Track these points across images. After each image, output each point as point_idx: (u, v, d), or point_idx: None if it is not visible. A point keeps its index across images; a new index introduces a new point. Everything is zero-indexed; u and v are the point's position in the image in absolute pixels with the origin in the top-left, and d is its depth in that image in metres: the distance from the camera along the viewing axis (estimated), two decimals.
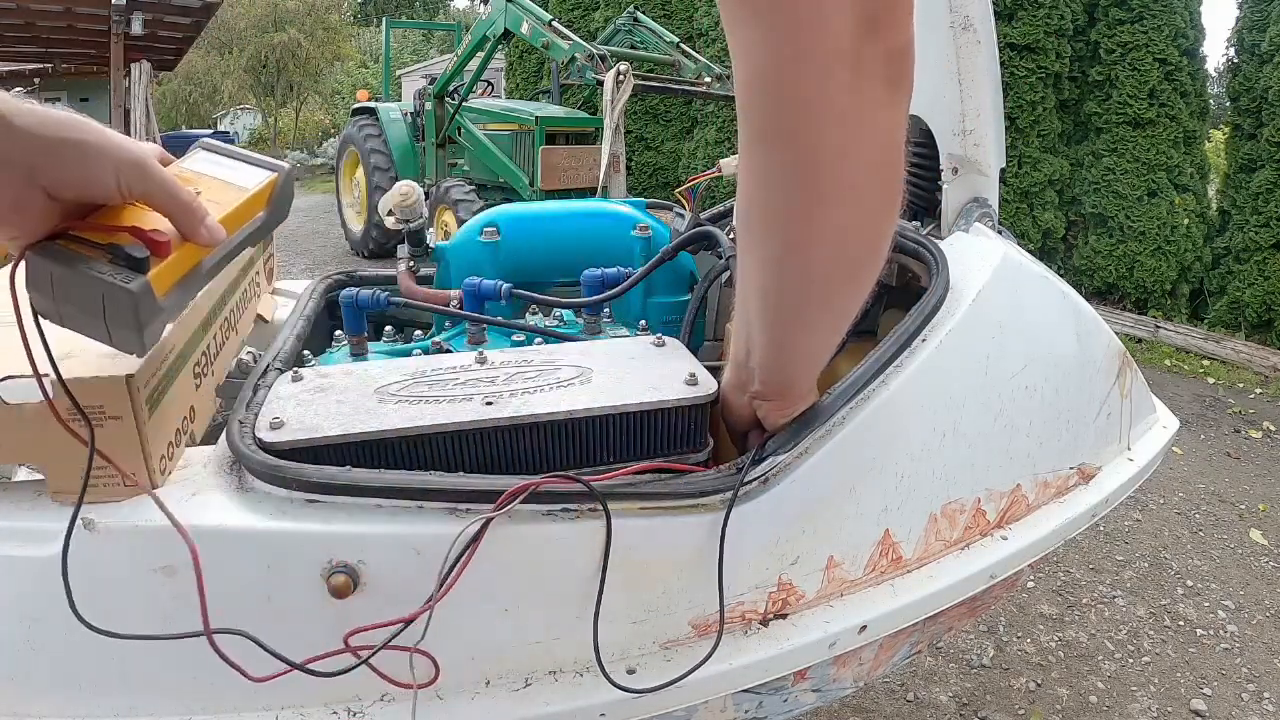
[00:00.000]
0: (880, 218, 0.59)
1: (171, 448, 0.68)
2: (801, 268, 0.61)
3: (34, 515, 0.62)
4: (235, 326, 0.97)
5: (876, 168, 0.56)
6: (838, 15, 0.48)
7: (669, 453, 0.74)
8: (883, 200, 0.58)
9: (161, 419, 0.66)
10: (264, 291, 1.16)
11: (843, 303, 0.64)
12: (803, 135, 0.53)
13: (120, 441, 0.61)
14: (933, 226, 1.11)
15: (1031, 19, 5.41)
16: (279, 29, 16.24)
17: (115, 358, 0.62)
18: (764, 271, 0.63)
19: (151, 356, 0.65)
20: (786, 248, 0.60)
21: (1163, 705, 1.96)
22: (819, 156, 0.54)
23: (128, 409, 0.60)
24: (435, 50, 18.62)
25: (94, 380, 0.59)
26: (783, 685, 0.78)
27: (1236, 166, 5.29)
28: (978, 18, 0.98)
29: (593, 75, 4.98)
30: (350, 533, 0.61)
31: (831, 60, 0.49)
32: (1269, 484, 3.27)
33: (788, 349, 0.69)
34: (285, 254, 7.45)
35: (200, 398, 0.79)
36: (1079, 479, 0.96)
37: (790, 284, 0.63)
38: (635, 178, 8.05)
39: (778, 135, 0.54)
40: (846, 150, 0.53)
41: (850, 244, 0.59)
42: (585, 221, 1.16)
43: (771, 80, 0.52)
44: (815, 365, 0.71)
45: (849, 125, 0.52)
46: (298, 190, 12.96)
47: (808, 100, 0.51)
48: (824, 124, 0.52)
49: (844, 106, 0.51)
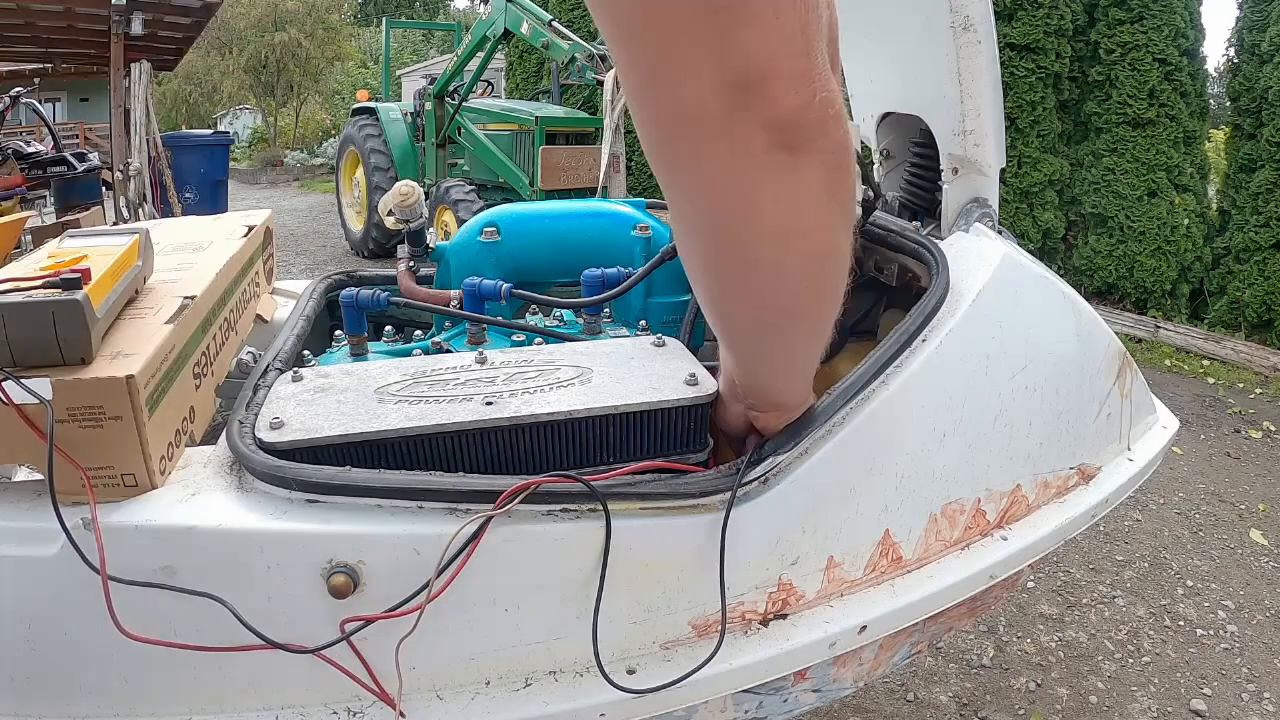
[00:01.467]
0: (795, 282, 0.55)
1: (172, 448, 0.68)
2: (738, 315, 0.60)
3: (34, 515, 0.62)
4: (235, 327, 0.97)
5: (781, 238, 0.51)
6: (695, 83, 0.44)
7: (669, 453, 0.74)
8: (797, 267, 0.54)
9: (162, 419, 0.66)
10: (263, 292, 1.16)
11: (786, 347, 0.62)
12: (690, 204, 0.50)
13: (121, 442, 0.61)
14: (933, 226, 1.11)
15: (1031, 19, 5.41)
16: (279, 29, 16.23)
17: (115, 358, 0.62)
18: (709, 311, 0.62)
19: (152, 357, 0.65)
20: (715, 298, 0.59)
21: (1163, 705, 1.96)
22: (709, 229, 0.51)
23: (128, 409, 0.60)
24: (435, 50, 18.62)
25: (94, 381, 0.59)
26: (783, 685, 0.78)
27: (1236, 166, 5.28)
28: (978, 18, 0.98)
29: (593, 75, 4.98)
30: (350, 533, 0.61)
31: (701, 128, 0.46)
32: (1269, 484, 3.26)
33: (760, 374, 0.69)
34: (285, 254, 7.45)
35: (200, 398, 0.79)
36: (1079, 479, 0.96)
37: (729, 335, 0.62)
38: (635, 178, 8.03)
39: (678, 192, 0.51)
40: (735, 221, 0.50)
41: (767, 306, 0.56)
42: (585, 221, 1.16)
43: (649, 142, 0.49)
44: (797, 380, 0.70)
45: (738, 195, 0.49)
46: (298, 190, 13.02)
47: (688, 165, 0.48)
48: (711, 191, 0.49)
49: (718, 177, 0.48)
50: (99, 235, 0.81)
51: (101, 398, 0.60)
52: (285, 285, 1.30)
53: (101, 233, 0.82)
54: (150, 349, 0.66)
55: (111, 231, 0.82)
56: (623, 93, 0.49)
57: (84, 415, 0.60)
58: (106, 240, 0.80)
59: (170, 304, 0.78)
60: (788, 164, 0.48)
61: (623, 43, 0.46)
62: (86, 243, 0.80)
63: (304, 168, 15.16)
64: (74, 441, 0.59)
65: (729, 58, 0.43)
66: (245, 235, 1.07)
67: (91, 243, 0.79)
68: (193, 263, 0.93)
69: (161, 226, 1.14)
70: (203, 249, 0.99)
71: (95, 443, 0.60)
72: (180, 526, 0.61)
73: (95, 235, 0.82)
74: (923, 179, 1.14)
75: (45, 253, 0.77)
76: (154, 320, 0.74)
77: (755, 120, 0.45)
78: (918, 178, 1.15)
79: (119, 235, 0.81)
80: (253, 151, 16.61)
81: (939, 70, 1.02)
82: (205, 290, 0.84)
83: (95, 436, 0.60)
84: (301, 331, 0.96)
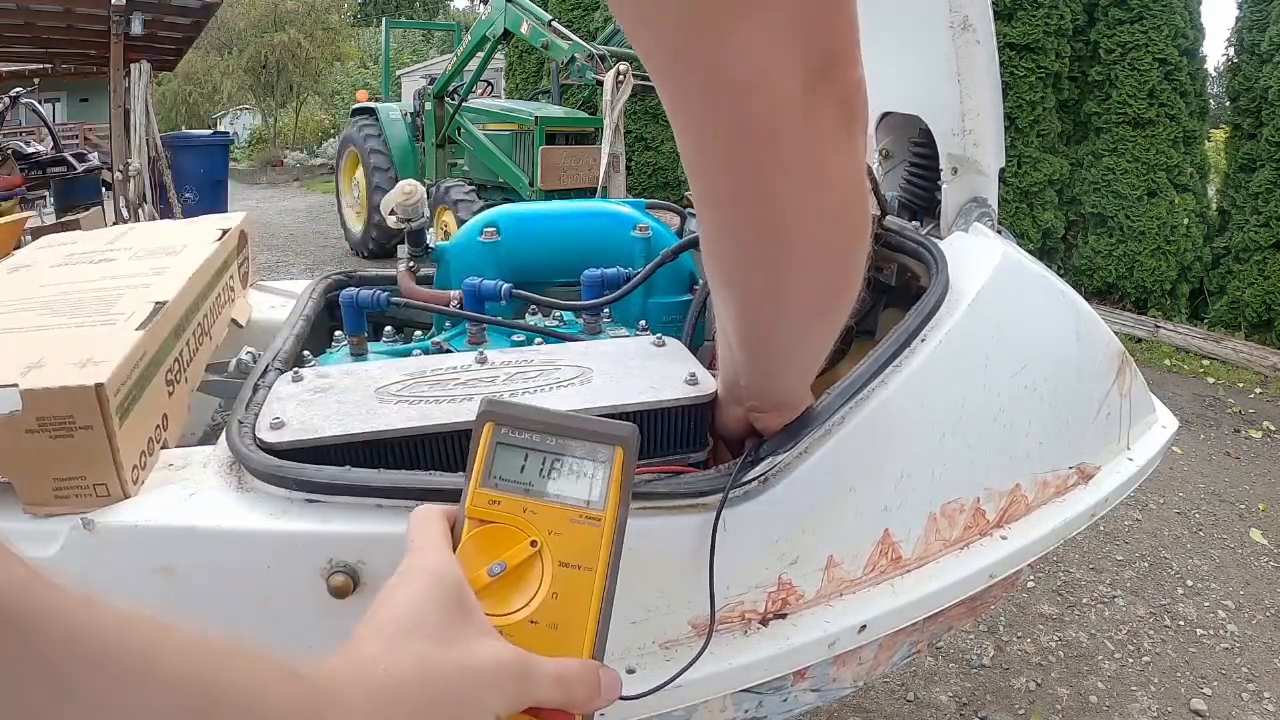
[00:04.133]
0: (849, 257, 0.56)
1: (144, 456, 0.67)
2: (773, 317, 0.59)
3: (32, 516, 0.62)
4: (209, 332, 0.95)
5: (841, 212, 0.52)
6: (784, 76, 0.44)
7: (669, 453, 0.74)
8: (850, 241, 0.55)
9: (134, 427, 0.65)
10: (238, 296, 1.14)
11: (822, 334, 0.62)
12: (760, 197, 0.50)
13: (92, 451, 0.59)
14: (932, 226, 1.11)
15: (1031, 19, 5.40)
16: (279, 29, 16.23)
17: (84, 366, 0.61)
18: (738, 319, 0.62)
19: (121, 364, 0.63)
20: (755, 302, 0.59)
21: (1163, 705, 1.96)
22: (780, 216, 0.51)
23: (98, 418, 0.59)
24: (435, 50, 18.61)
25: (63, 390, 0.58)
26: (782, 685, 0.78)
27: (1236, 166, 5.28)
28: (977, 18, 0.98)
29: (592, 75, 4.98)
30: (350, 533, 0.61)
31: (782, 119, 0.45)
32: (1269, 484, 3.26)
33: (773, 375, 0.68)
34: (285, 254, 7.45)
35: (173, 405, 0.77)
36: (1078, 479, 0.96)
37: (765, 330, 0.62)
38: (635, 178, 8.04)
39: (733, 199, 0.51)
40: (808, 204, 0.50)
41: (820, 289, 0.57)
42: (585, 221, 1.16)
43: (719, 151, 0.48)
44: (806, 378, 0.70)
45: (808, 179, 0.49)
46: (298, 190, 13.02)
47: (760, 163, 0.47)
48: (781, 182, 0.49)
49: (799, 161, 0.48)
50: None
51: (71, 407, 0.58)
52: (285, 285, 1.30)
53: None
54: (120, 356, 0.64)
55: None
56: (671, 105, 0.47)
57: (54, 425, 0.58)
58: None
59: (142, 309, 0.76)
60: (847, 138, 0.48)
61: (690, 51, 0.44)
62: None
63: (304, 168, 15.16)
64: (45, 451, 0.58)
65: (816, 42, 0.44)
66: (219, 239, 1.06)
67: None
68: (166, 267, 0.92)
69: (136, 231, 1.13)
70: (176, 253, 0.97)
71: (66, 452, 0.59)
72: (180, 526, 0.61)
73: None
74: (922, 178, 1.14)
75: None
76: (125, 326, 0.72)
77: (833, 98, 0.46)
78: (917, 177, 1.15)
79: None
80: (252, 151, 16.60)
81: (938, 70, 1.02)
82: (177, 295, 0.83)
83: (66, 446, 0.59)
84: (301, 331, 0.96)
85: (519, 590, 0.45)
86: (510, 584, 0.45)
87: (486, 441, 0.47)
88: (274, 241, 8.04)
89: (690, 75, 0.45)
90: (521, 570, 0.45)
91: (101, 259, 0.98)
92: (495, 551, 0.45)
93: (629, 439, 0.49)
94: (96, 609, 0.28)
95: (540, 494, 0.47)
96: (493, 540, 0.46)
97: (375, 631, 0.39)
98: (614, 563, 0.47)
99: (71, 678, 0.26)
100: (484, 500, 0.46)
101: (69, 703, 0.26)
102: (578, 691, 0.43)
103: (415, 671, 0.37)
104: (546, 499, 0.47)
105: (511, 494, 0.47)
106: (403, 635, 0.38)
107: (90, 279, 0.89)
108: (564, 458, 0.48)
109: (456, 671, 0.38)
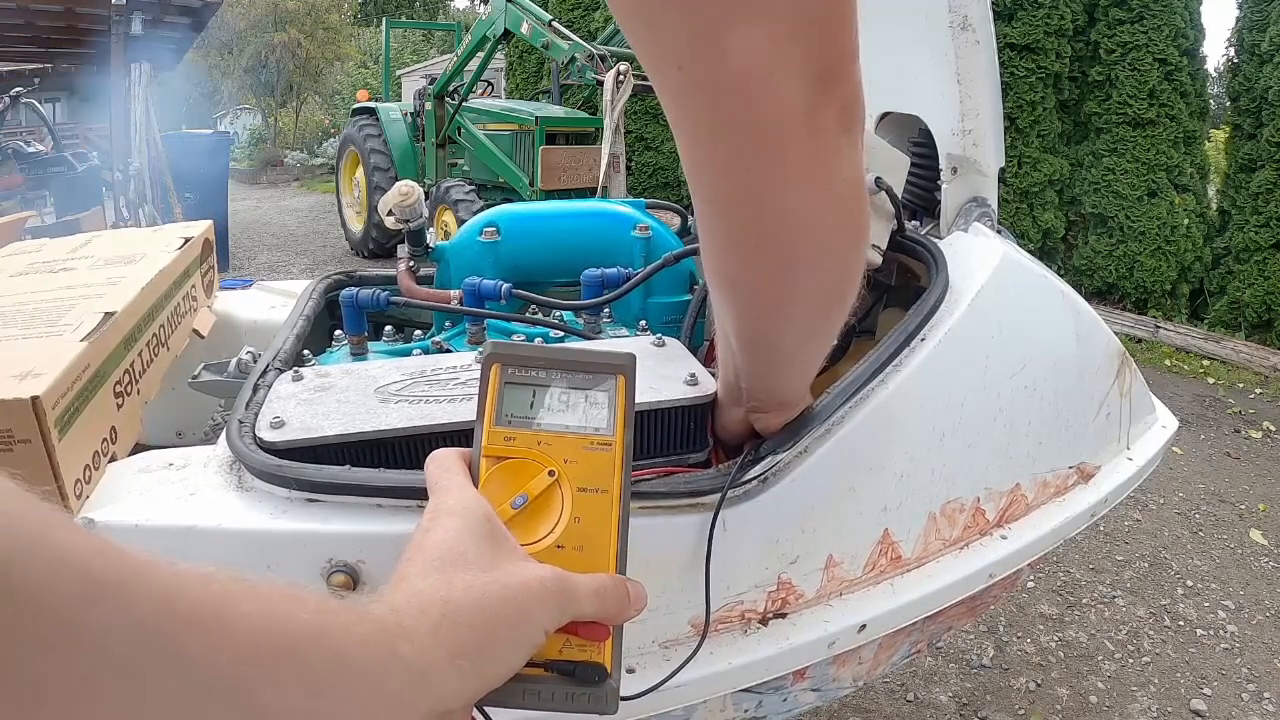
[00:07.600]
0: (850, 260, 0.56)
1: (89, 470, 0.65)
2: (773, 319, 0.60)
3: None
4: (166, 343, 0.93)
5: (842, 215, 0.53)
6: (786, 83, 0.44)
7: (669, 453, 0.74)
8: (851, 244, 0.56)
9: (76, 440, 0.63)
10: (201, 305, 1.11)
11: (822, 335, 0.63)
12: (763, 203, 0.50)
13: (31, 465, 0.58)
14: (932, 226, 1.11)
15: (1031, 19, 5.41)
16: (279, 29, 16.22)
17: (24, 379, 0.60)
18: (738, 322, 0.62)
19: (61, 377, 0.62)
20: (756, 304, 0.59)
21: (1163, 705, 1.96)
22: (782, 221, 0.51)
23: (36, 432, 0.58)
24: (435, 50, 18.59)
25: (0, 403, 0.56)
26: (782, 685, 0.78)
27: (1236, 166, 5.28)
28: (977, 18, 0.98)
29: (593, 75, 4.98)
30: (350, 533, 0.61)
31: (786, 130, 0.46)
32: (1269, 484, 3.26)
33: (773, 375, 0.69)
34: (285, 254, 7.45)
35: (123, 417, 0.76)
36: (1078, 478, 0.96)
37: (765, 331, 0.62)
38: (635, 178, 8.04)
39: (735, 205, 0.51)
40: (810, 209, 0.51)
41: (822, 292, 0.57)
42: (585, 221, 1.16)
43: (722, 162, 0.49)
44: (806, 378, 0.71)
45: (810, 185, 0.49)
46: (298, 190, 13.00)
47: (763, 171, 0.48)
48: (784, 189, 0.49)
49: (802, 168, 0.48)
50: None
51: (8, 420, 0.57)
52: (285, 285, 1.30)
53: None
54: (60, 368, 0.63)
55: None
56: (672, 110, 0.48)
57: None
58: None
59: (90, 320, 0.74)
60: (848, 143, 0.49)
61: (692, 59, 0.44)
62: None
63: (304, 168, 15.16)
64: None
65: (818, 51, 0.44)
66: (180, 247, 1.04)
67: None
68: (123, 277, 0.89)
69: (100, 239, 1.10)
70: (134, 262, 0.95)
71: (6, 466, 0.58)
72: (180, 526, 0.61)
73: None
74: (921, 178, 1.14)
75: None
76: (70, 338, 0.70)
77: (834, 107, 0.46)
78: (917, 177, 1.15)
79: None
80: (253, 151, 16.59)
81: (938, 70, 1.02)
82: (128, 305, 0.80)
83: (5, 460, 0.58)
84: (301, 331, 0.96)
85: (543, 518, 0.47)
86: (534, 513, 0.47)
87: (495, 382, 0.49)
88: (274, 241, 8.05)
89: (692, 83, 0.45)
90: (543, 499, 0.47)
91: (61, 268, 0.95)
92: (516, 485, 0.47)
93: (628, 366, 0.51)
94: (169, 568, 0.29)
95: (552, 426, 0.49)
96: (512, 474, 0.48)
97: (421, 569, 0.40)
98: (627, 482, 0.49)
99: (170, 637, 0.28)
100: (499, 438, 0.48)
101: (167, 663, 0.27)
102: (612, 602, 0.46)
103: (468, 597, 0.39)
104: (558, 430, 0.49)
105: (524, 429, 0.49)
106: (448, 567, 0.40)
107: (46, 289, 0.86)
108: (570, 390, 0.50)
109: (505, 593, 0.40)
